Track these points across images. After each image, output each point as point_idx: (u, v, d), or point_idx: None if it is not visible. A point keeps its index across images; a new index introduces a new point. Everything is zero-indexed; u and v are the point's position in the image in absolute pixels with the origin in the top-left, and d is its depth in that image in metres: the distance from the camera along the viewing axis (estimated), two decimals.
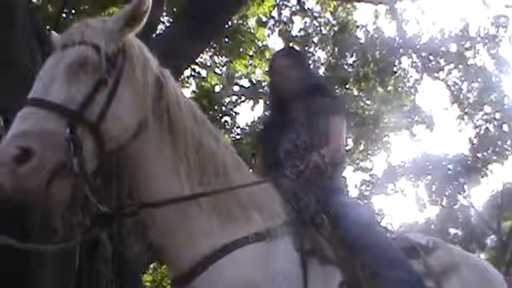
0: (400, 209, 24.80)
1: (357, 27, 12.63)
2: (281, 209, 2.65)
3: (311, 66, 9.41)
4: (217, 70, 12.58)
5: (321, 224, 2.69)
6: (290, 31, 12.83)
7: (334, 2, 12.28)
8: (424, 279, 2.76)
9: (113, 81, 2.27)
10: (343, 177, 3.32)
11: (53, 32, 2.57)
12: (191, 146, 2.49)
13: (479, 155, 15.47)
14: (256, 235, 2.44)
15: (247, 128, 11.30)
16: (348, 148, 13.27)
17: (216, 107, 10.85)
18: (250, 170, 2.94)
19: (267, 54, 12.36)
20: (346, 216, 2.80)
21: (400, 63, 12.90)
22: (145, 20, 2.41)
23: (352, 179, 15.97)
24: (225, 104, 11.78)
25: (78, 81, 2.20)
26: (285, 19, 12.74)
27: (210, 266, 2.34)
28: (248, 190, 2.59)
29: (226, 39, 11.14)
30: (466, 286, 2.98)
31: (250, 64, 12.52)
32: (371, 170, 15.85)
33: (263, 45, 12.42)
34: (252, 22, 12.14)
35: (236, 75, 12.74)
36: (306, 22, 12.91)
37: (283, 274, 2.40)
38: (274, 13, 12.52)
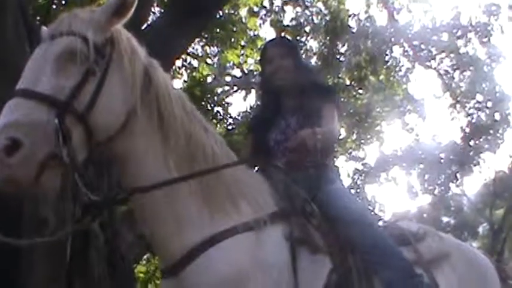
0: (393, 198, 24.90)
1: (349, 16, 12.60)
2: (270, 198, 2.63)
3: (303, 56, 9.38)
4: (208, 60, 12.55)
5: (311, 212, 2.67)
6: (282, 20, 12.81)
7: None
8: (415, 267, 2.77)
9: (101, 71, 2.26)
10: (336, 166, 3.30)
11: (43, 26, 2.55)
12: (181, 136, 2.47)
13: (471, 143, 15.52)
14: (244, 225, 2.43)
15: (239, 118, 11.28)
16: (340, 137, 13.29)
17: (208, 98, 10.83)
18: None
19: (259, 44, 12.33)
20: (336, 205, 2.80)
21: (392, 52, 12.91)
22: (133, 10, 2.39)
23: (344, 168, 15.96)
24: (217, 94, 11.74)
25: (67, 72, 2.19)
26: (276, 8, 12.72)
27: (199, 256, 2.33)
28: (236, 179, 2.58)
29: (218, 30, 11.11)
30: (456, 274, 3.00)
31: (242, 54, 12.50)
32: (363, 159, 15.91)
33: (255, 35, 12.41)
34: (243, 12, 12.10)
35: (228, 65, 12.72)
36: (297, 11, 12.90)
37: (273, 263, 2.39)
38: (266, 3, 12.49)
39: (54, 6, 9.61)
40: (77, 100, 2.16)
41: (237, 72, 13.22)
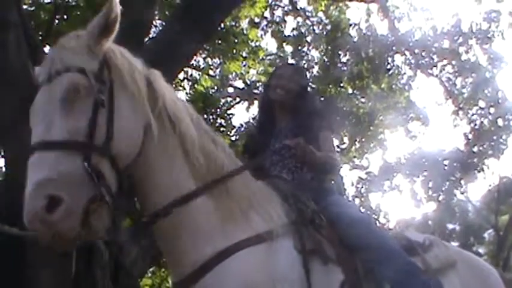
0: (397, 206, 24.84)
1: (350, 25, 12.64)
2: (281, 209, 2.65)
3: (311, 89, 9.43)
4: (210, 72, 12.58)
5: (320, 223, 2.70)
6: (283, 31, 12.85)
7: (325, 1, 12.28)
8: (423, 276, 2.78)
9: (107, 98, 2.24)
10: (340, 176, 3.34)
11: (46, 43, 2.55)
12: (196, 146, 2.50)
13: (475, 149, 15.49)
14: (257, 237, 2.45)
15: (242, 129, 11.28)
16: (343, 146, 13.30)
17: (210, 109, 10.85)
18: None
19: (261, 55, 12.40)
20: (341, 216, 2.82)
21: (393, 60, 12.93)
22: (117, 26, 2.37)
23: (348, 177, 15.94)
24: (220, 105, 11.76)
25: (75, 111, 2.17)
26: (277, 19, 12.76)
27: (212, 269, 2.34)
28: (247, 192, 2.60)
29: (219, 41, 11.15)
30: (462, 282, 3.03)
31: (244, 65, 12.53)
32: (367, 167, 15.87)
33: (256, 46, 12.44)
34: (244, 23, 12.15)
35: (230, 76, 12.75)
36: (298, 22, 12.94)
37: (286, 275, 2.41)
38: (267, 14, 12.53)
39: (56, 22, 9.67)
40: (95, 136, 2.16)
41: (239, 84, 13.26)
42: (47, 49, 9.02)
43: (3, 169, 6.31)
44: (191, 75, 12.22)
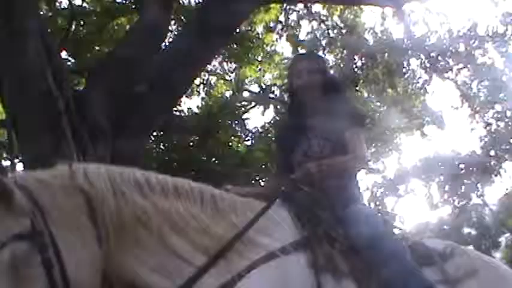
0: (413, 210, 24.71)
1: (365, 29, 12.61)
2: (291, 228, 2.64)
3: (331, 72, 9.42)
4: (226, 77, 12.62)
5: (336, 237, 2.69)
6: (298, 35, 12.84)
7: (341, 6, 12.26)
8: (440, 286, 2.76)
9: (50, 245, 2.13)
10: (357, 181, 3.31)
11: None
12: (169, 229, 2.39)
13: (491, 153, 15.40)
14: (267, 256, 2.44)
15: (258, 134, 11.28)
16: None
17: (226, 114, 10.87)
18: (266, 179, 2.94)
19: (276, 59, 12.41)
20: (359, 228, 2.78)
21: (409, 64, 12.87)
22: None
23: (364, 181, 15.91)
24: (236, 110, 11.78)
25: (26, 279, 2.07)
26: (292, 23, 12.75)
27: None
28: (248, 222, 2.55)
29: (235, 46, 11.18)
30: None
31: (260, 69, 12.54)
32: (383, 171, 15.83)
33: (272, 50, 12.46)
34: (259, 28, 12.16)
35: (245, 80, 12.77)
36: (313, 26, 12.93)
37: None
38: (282, 18, 12.53)
39: (73, 28, 9.74)
40: None
41: (254, 88, 13.27)
42: (64, 55, 9.13)
43: None
44: (207, 80, 12.25)
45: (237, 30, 9.63)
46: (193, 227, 2.42)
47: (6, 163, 7.33)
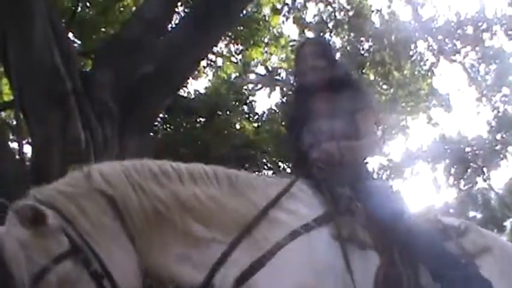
0: (418, 193, 24.62)
1: (372, 12, 12.54)
2: (314, 204, 2.68)
3: (338, 57, 9.38)
4: (232, 59, 12.59)
5: (356, 211, 2.72)
6: (304, 17, 12.79)
7: None
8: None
9: (94, 259, 2.18)
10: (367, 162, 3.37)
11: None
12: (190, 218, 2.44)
13: (498, 137, 15.37)
14: (292, 233, 2.47)
15: (265, 115, 11.27)
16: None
17: (234, 96, 10.87)
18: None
19: (282, 41, 12.38)
20: (381, 202, 2.81)
21: (416, 47, 12.81)
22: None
23: (370, 163, 15.87)
24: (243, 92, 11.77)
25: None
26: (299, 6, 12.69)
27: (254, 274, 2.38)
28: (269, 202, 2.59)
29: (241, 27, 11.15)
30: (498, 266, 3.00)
31: (266, 51, 12.52)
32: (388, 154, 15.81)
33: (278, 32, 12.42)
34: (266, 10, 12.11)
35: (252, 63, 12.75)
36: (320, 8, 12.86)
37: (328, 265, 2.45)
38: (288, 0, 12.47)
39: (79, 9, 9.74)
40: None
41: (261, 70, 13.25)
42: (70, 36, 9.13)
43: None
44: (214, 61, 12.24)
45: (243, 12, 9.60)
46: (213, 210, 2.47)
47: (13, 145, 7.31)
